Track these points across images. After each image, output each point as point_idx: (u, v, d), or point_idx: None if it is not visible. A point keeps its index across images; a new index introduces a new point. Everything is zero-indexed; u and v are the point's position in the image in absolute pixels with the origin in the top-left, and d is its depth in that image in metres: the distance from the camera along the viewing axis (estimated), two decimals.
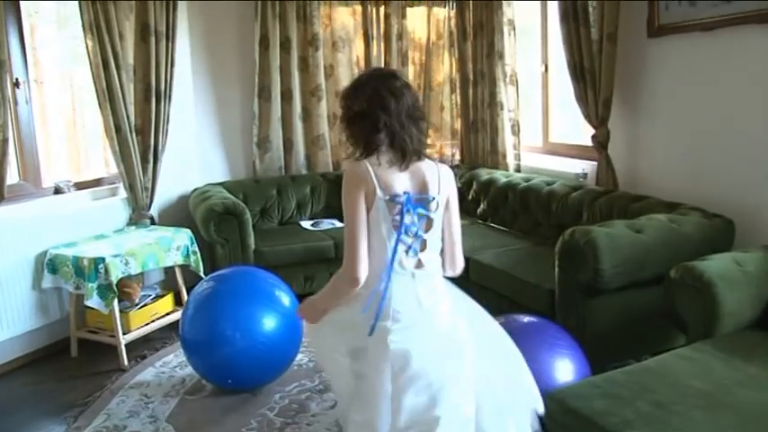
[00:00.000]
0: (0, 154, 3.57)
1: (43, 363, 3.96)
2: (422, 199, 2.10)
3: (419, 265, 2.12)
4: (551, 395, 2.31)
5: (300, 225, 5.10)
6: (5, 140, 3.59)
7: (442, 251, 2.21)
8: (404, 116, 2.08)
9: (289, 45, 5.22)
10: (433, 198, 2.12)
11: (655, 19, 3.87)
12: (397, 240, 2.06)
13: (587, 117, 4.28)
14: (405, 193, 2.07)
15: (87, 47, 4.14)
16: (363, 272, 2.03)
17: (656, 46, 3.95)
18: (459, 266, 2.29)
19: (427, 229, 2.13)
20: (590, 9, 4.07)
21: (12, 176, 3.93)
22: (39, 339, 4.00)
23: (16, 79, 3.96)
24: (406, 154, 2.08)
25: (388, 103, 2.06)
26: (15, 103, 3.96)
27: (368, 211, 2.04)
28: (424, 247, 2.12)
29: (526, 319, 2.87)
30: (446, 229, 2.22)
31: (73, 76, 4.80)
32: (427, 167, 2.14)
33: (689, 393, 2.19)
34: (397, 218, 2.07)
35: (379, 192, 2.03)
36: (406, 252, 2.10)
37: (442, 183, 2.16)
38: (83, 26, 4.11)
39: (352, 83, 2.20)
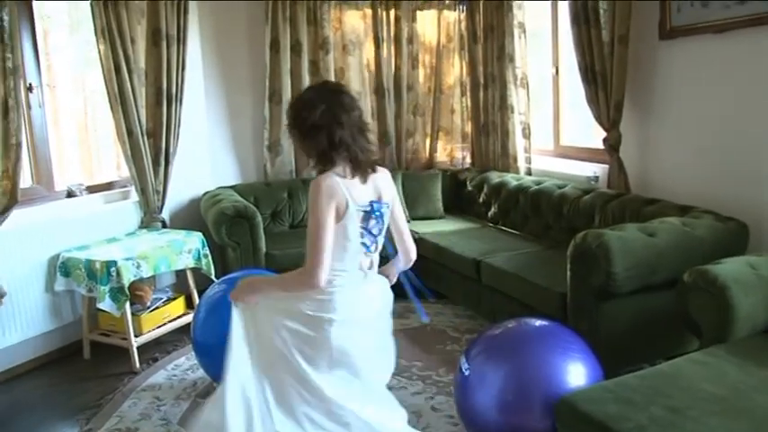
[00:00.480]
0: (14, 158, 3.59)
1: (56, 365, 3.99)
2: (380, 205, 2.33)
3: (371, 265, 2.37)
4: (563, 399, 2.30)
5: None
6: (19, 144, 3.61)
7: (390, 245, 2.52)
8: (355, 129, 2.25)
9: (299, 48, 5.23)
10: (387, 204, 2.36)
11: (666, 21, 3.85)
12: (363, 245, 2.29)
13: (598, 120, 4.26)
14: (371, 202, 2.29)
15: (99, 51, 4.17)
16: (326, 272, 2.17)
17: (668, 48, 3.93)
18: (412, 253, 2.55)
19: (380, 232, 2.36)
20: (601, 11, 4.05)
21: (25, 180, 3.96)
22: (52, 342, 4.03)
23: (29, 84, 3.99)
24: (362, 167, 2.26)
25: (340, 118, 2.21)
26: (29, 107, 3.99)
27: (337, 220, 2.20)
28: (376, 247, 2.36)
29: (538, 322, 2.85)
30: (392, 223, 2.45)
31: (85, 80, 4.83)
32: (379, 176, 2.35)
33: (703, 398, 2.18)
34: (363, 224, 2.28)
35: (351, 203, 2.20)
36: (365, 254, 2.33)
37: (390, 186, 2.40)
38: (95, 30, 4.14)
39: (304, 97, 2.32)
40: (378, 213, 2.30)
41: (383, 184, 2.36)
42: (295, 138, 2.34)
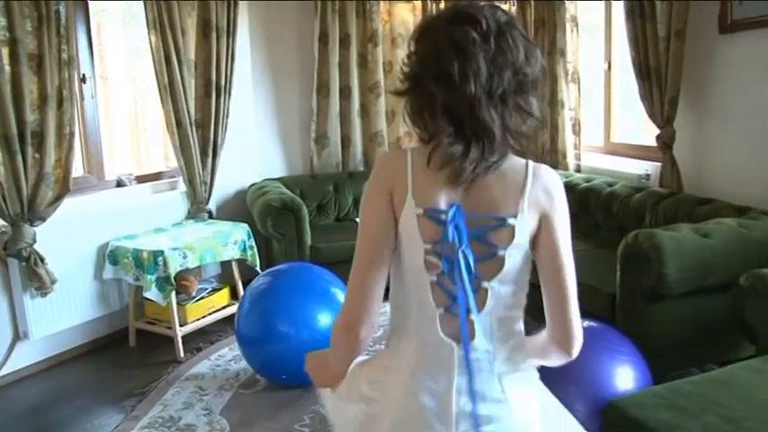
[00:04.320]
0: (67, 147, 3.66)
1: (103, 351, 4.06)
2: (481, 221, 1.32)
3: (470, 333, 1.33)
4: (612, 404, 2.23)
5: (356, 222, 5.08)
6: (72, 134, 3.68)
7: (531, 315, 1.44)
8: (480, 90, 1.26)
9: (348, 41, 5.22)
10: (505, 221, 1.32)
11: (727, 14, 3.72)
12: (439, 286, 1.33)
13: (652, 116, 4.15)
14: (452, 205, 1.31)
15: (151, 43, 4.22)
16: (368, 318, 1.33)
17: (728, 42, 3.79)
18: (576, 342, 1.41)
19: (492, 274, 1.34)
20: (657, 5, 3.94)
21: (77, 169, 4.04)
22: (99, 328, 4.11)
23: (83, 75, 4.06)
24: (473, 155, 1.28)
25: (448, 67, 1.25)
26: (82, 98, 4.06)
27: (396, 226, 1.34)
28: (482, 303, 1.34)
29: (585, 323, 2.77)
30: (547, 276, 1.39)
31: (135, 72, 4.90)
32: (506, 169, 1.34)
33: (761, 408, 2.09)
34: (434, 247, 1.31)
35: (409, 199, 1.31)
36: (445, 308, 1.33)
37: (533, 195, 1.34)
38: (147, 23, 4.19)
39: (421, 22, 1.39)
40: (459, 229, 1.29)
41: (511, 184, 1.34)
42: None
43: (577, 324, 1.40)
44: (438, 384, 1.32)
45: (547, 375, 2.45)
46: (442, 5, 5.39)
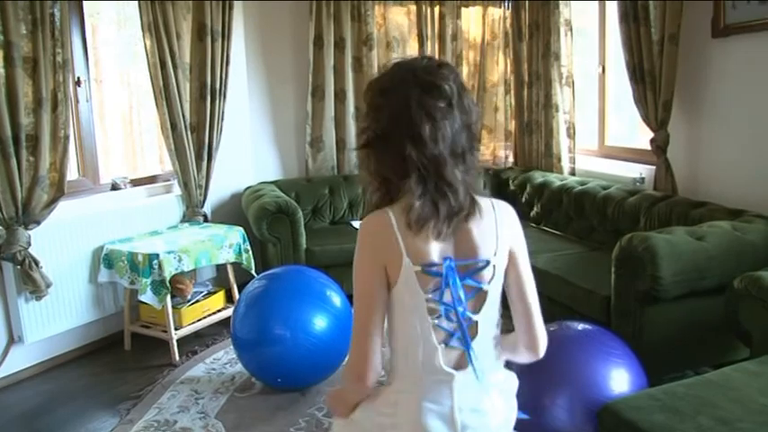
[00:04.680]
0: (61, 150, 3.65)
1: (98, 355, 4.05)
2: (470, 266, 1.50)
3: (460, 362, 1.52)
4: (606, 406, 2.24)
5: (352, 225, 5.09)
6: (67, 137, 3.67)
7: (504, 329, 1.64)
8: (446, 151, 1.44)
9: (343, 45, 5.22)
10: (488, 262, 1.51)
11: (720, 18, 3.74)
12: (439, 329, 1.50)
13: (646, 120, 4.17)
14: (445, 258, 1.47)
15: (145, 46, 4.22)
16: (374, 370, 1.47)
17: (722, 46, 3.81)
18: (542, 345, 1.62)
19: (478, 308, 1.53)
20: (651, 9, 3.96)
21: (72, 173, 4.03)
22: (94, 332, 4.09)
23: (78, 78, 4.05)
24: (440, 216, 1.44)
25: (419, 130, 1.41)
26: (76, 101, 4.05)
27: (390, 286, 1.47)
28: (474, 333, 1.53)
29: (580, 326, 2.79)
30: (514, 296, 1.60)
31: (130, 75, 4.90)
32: (479, 213, 1.51)
33: (755, 410, 2.09)
34: (433, 296, 1.48)
35: (406, 260, 1.44)
36: (445, 343, 1.51)
37: (501, 233, 1.54)
38: (141, 26, 4.19)
39: (382, 80, 1.51)
40: (454, 278, 1.47)
41: (486, 229, 1.51)
42: (362, 146, 1.52)
43: (541, 330, 1.61)
44: (442, 407, 1.50)
45: (544, 378, 2.47)
46: (437, 9, 5.42)
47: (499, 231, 1.53)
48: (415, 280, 1.45)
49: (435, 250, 1.47)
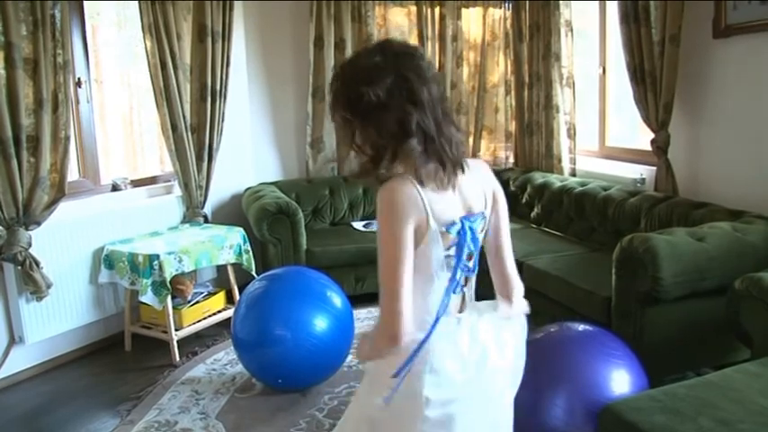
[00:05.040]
0: (62, 151, 3.65)
1: (98, 355, 4.05)
2: (474, 222, 1.66)
3: (462, 304, 1.71)
4: (607, 407, 2.24)
5: (352, 226, 5.09)
6: (67, 138, 3.67)
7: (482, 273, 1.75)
8: (439, 111, 1.56)
9: (343, 45, 5.22)
10: (484, 214, 1.68)
11: (722, 19, 3.74)
12: (452, 280, 1.63)
13: (647, 120, 4.16)
14: (461, 218, 1.62)
15: (146, 47, 4.22)
16: (406, 329, 1.52)
17: (723, 47, 3.81)
18: (515, 290, 1.78)
19: (476, 263, 1.70)
20: (651, 9, 3.96)
21: (72, 174, 4.03)
22: (95, 332, 4.10)
23: (78, 79, 4.05)
24: (447, 167, 1.57)
25: (419, 94, 1.53)
26: (77, 101, 4.05)
27: (415, 246, 1.55)
28: (467, 280, 1.69)
29: (581, 327, 2.79)
30: (491, 242, 1.75)
31: (130, 76, 4.90)
32: (467, 176, 1.64)
33: (756, 411, 2.09)
34: (451, 252, 1.62)
35: (432, 222, 1.54)
36: (454, 291, 1.66)
37: (486, 186, 1.71)
38: (142, 27, 4.19)
39: (362, 62, 1.59)
40: (471, 236, 1.63)
41: (475, 184, 1.67)
42: (344, 123, 1.61)
43: (515, 275, 1.78)
44: (456, 347, 1.64)
45: (544, 378, 2.47)
46: (437, 10, 5.42)
47: (484, 185, 1.70)
48: (440, 238, 1.57)
49: (452, 210, 1.60)
